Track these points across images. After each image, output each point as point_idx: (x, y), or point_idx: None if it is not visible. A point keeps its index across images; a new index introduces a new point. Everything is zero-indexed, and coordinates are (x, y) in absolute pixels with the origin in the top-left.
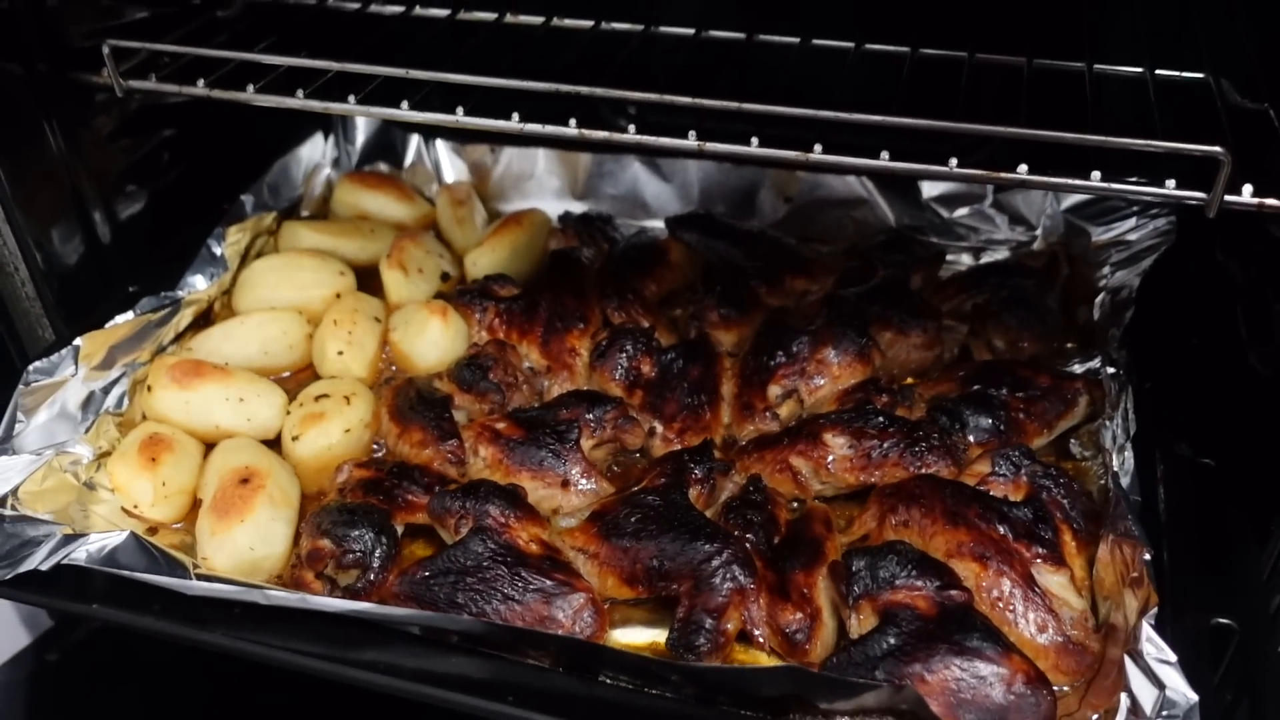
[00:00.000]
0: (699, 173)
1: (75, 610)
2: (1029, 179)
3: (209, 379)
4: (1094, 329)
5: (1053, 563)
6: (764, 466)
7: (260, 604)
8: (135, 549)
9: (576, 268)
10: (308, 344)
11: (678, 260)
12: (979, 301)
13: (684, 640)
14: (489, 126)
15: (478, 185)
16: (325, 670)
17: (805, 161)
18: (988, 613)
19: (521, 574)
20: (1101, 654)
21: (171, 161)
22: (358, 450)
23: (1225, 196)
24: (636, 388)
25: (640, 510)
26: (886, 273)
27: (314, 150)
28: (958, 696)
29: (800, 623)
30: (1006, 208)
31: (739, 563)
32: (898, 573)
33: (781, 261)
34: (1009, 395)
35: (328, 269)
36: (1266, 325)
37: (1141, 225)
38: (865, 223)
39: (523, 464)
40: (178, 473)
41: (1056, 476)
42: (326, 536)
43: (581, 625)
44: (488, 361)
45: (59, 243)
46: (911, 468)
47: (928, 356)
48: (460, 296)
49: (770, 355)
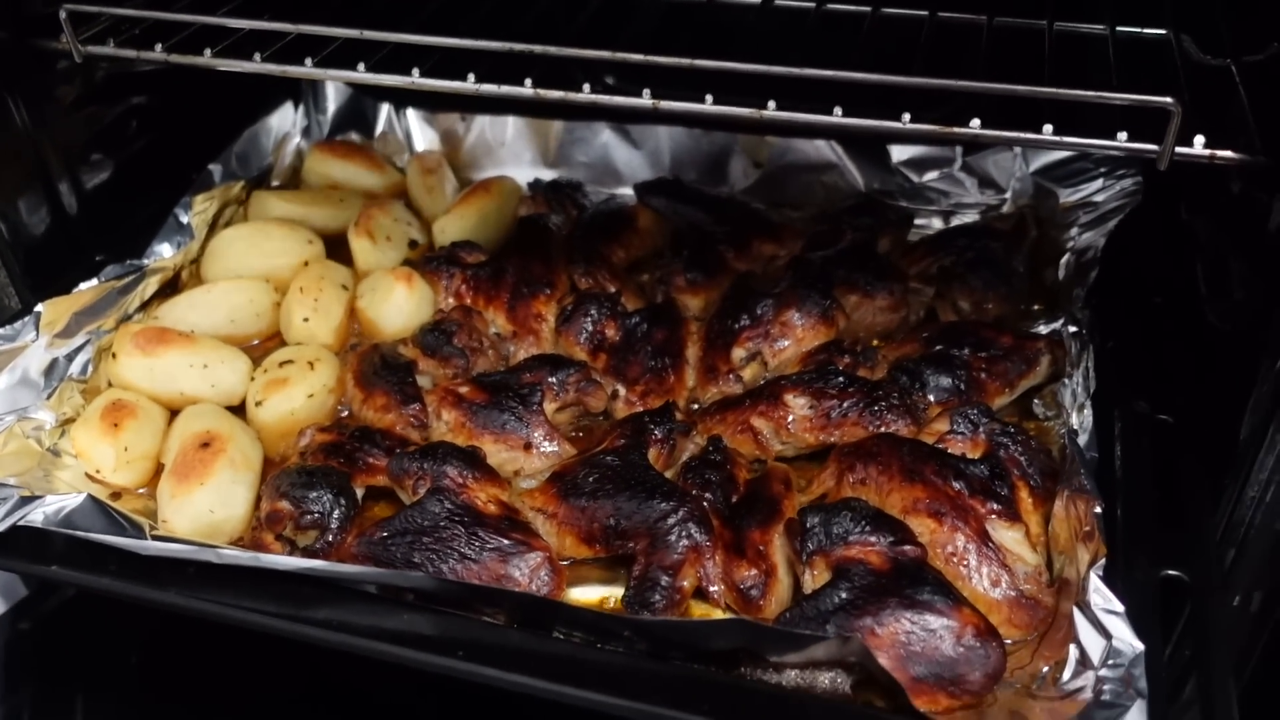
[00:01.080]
0: (670, 140)
1: (33, 572)
2: (981, 134)
3: (173, 346)
4: (1060, 290)
5: (1008, 518)
6: (725, 428)
7: (214, 563)
8: (92, 511)
9: (544, 234)
10: (275, 312)
11: (646, 226)
12: (945, 264)
13: (639, 597)
14: (445, 88)
15: (449, 154)
16: (279, 628)
17: (759, 119)
18: (942, 568)
19: (479, 534)
20: (1055, 608)
21: (139, 130)
22: (321, 415)
23: (1176, 148)
24: (601, 351)
25: (599, 470)
26: (854, 236)
27: (284, 119)
28: (908, 649)
29: (755, 579)
30: (976, 171)
31: (695, 520)
32: (851, 529)
33: (750, 226)
34: (970, 355)
35: (296, 238)
36: (1225, 281)
37: (1109, 186)
38: (835, 187)
39: (485, 427)
40: (140, 438)
41: (1014, 434)
42: (285, 498)
43: (538, 584)
44: (451, 327)
45: (24, 213)
46: (871, 427)
47: (894, 319)
48: (427, 263)
49: (734, 318)
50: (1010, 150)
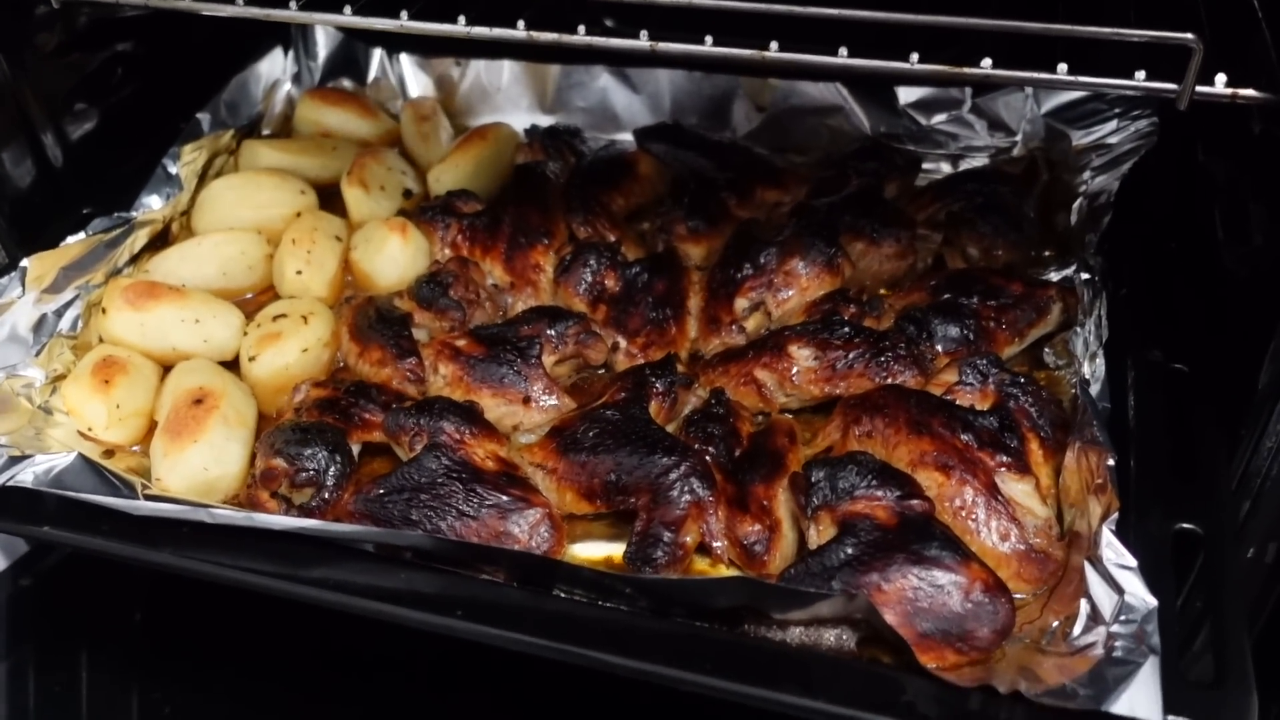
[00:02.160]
0: (670, 83)
1: (25, 533)
2: (992, 74)
3: (164, 300)
4: (1072, 235)
5: (1017, 471)
6: (728, 380)
7: (207, 523)
8: (83, 470)
9: (542, 182)
10: (268, 265)
11: (646, 173)
12: (954, 209)
13: (641, 553)
14: (434, 31)
15: (444, 100)
16: (274, 588)
17: (761, 60)
18: (950, 522)
19: (477, 490)
20: (1065, 561)
21: (123, 78)
22: (316, 370)
23: (1197, 87)
24: (601, 303)
25: (599, 425)
26: (860, 182)
27: (273, 66)
28: (915, 605)
29: (759, 534)
30: (986, 113)
31: (697, 475)
32: (857, 483)
33: (753, 172)
34: (979, 304)
35: (288, 188)
36: (1244, 225)
37: (1123, 127)
38: (841, 131)
39: (483, 381)
40: (132, 395)
41: (1025, 385)
42: (280, 456)
43: (538, 540)
44: (447, 278)
45: (9, 165)
46: (877, 378)
47: (901, 267)
48: (422, 213)
49: (737, 267)
50: (1021, 91)
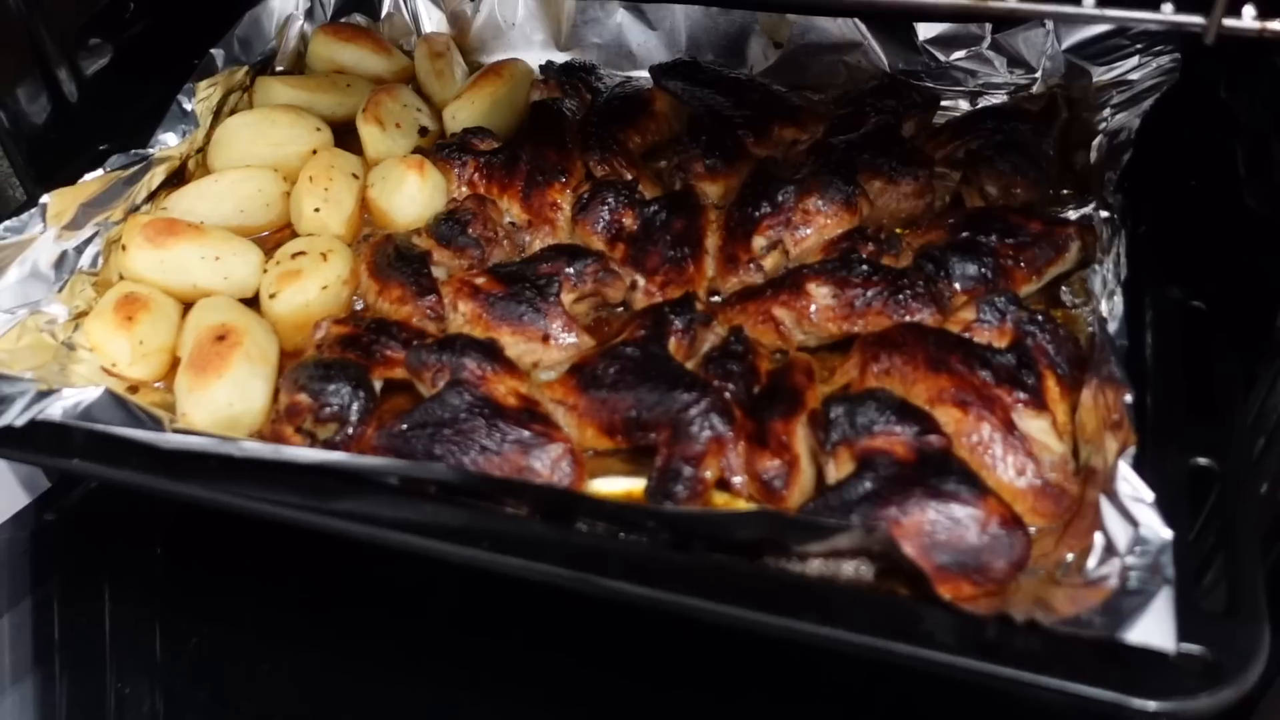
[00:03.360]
0: (686, 19)
1: (55, 465)
2: (1018, 8)
3: (184, 237)
4: (1091, 173)
5: (1034, 408)
6: (747, 318)
7: (235, 456)
8: (111, 405)
9: (558, 120)
10: (284, 202)
11: (663, 110)
12: (972, 148)
13: (662, 488)
14: None
15: (458, 37)
16: (302, 520)
17: None
18: (967, 457)
19: (499, 425)
20: (1080, 496)
21: (137, 14)
22: (335, 307)
23: (1224, 20)
24: (619, 241)
25: (619, 362)
26: (878, 119)
27: (285, 1)
28: (933, 539)
29: (778, 469)
30: (1005, 49)
31: (717, 411)
32: (876, 419)
33: (770, 110)
34: (998, 242)
35: (303, 125)
36: (1266, 163)
37: (1144, 64)
38: (859, 68)
39: (503, 319)
40: (155, 331)
41: (1042, 322)
42: (304, 391)
43: (560, 475)
44: (466, 216)
45: (24, 101)
46: (895, 316)
47: (919, 205)
48: (439, 151)
49: (755, 205)
50: (1042, 27)
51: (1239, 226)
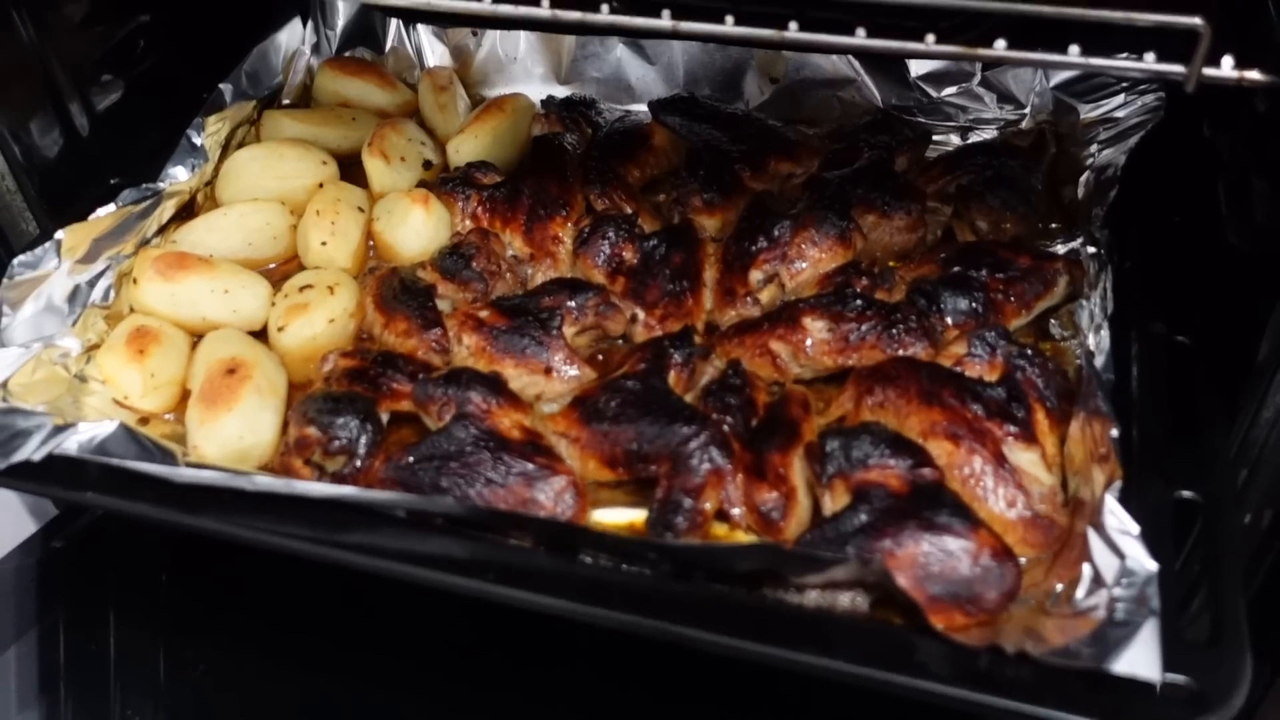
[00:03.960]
0: (684, 55)
1: (70, 498)
2: (1007, 55)
3: (194, 271)
4: (1078, 208)
5: (1024, 440)
6: (744, 351)
7: (248, 490)
8: (125, 439)
9: (559, 154)
10: (292, 235)
11: (661, 145)
12: (963, 182)
13: (663, 519)
14: (460, 8)
15: (460, 70)
16: (313, 552)
17: (781, 40)
18: (959, 490)
19: (504, 458)
20: (1069, 528)
21: (147, 50)
22: (343, 340)
23: (1204, 69)
24: (619, 274)
25: (620, 395)
26: (871, 154)
27: (292, 36)
28: (926, 570)
29: (776, 501)
30: (995, 86)
31: (716, 444)
32: (870, 452)
33: (766, 145)
34: (988, 276)
35: (310, 159)
36: (1247, 201)
37: (1130, 102)
38: (852, 103)
39: (506, 351)
40: (166, 364)
41: (1031, 356)
42: (313, 424)
43: (563, 507)
44: (470, 250)
45: (37, 135)
46: (889, 350)
47: (911, 239)
48: (443, 185)
49: (751, 240)
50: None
51: (1222, 262)
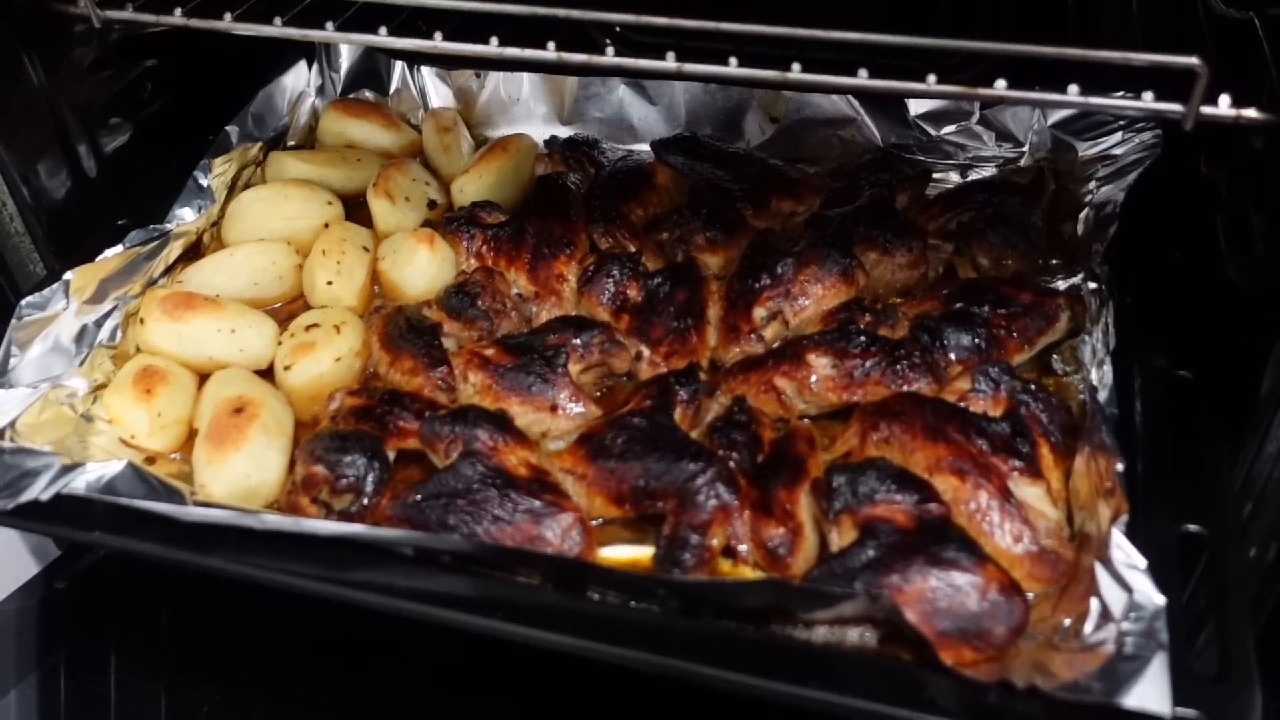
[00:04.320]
0: (685, 95)
1: (79, 538)
2: (1007, 95)
3: (200, 311)
4: (1078, 244)
5: (1029, 475)
6: (749, 388)
7: (256, 529)
8: (132, 478)
9: (563, 193)
10: (297, 275)
11: (664, 184)
12: (964, 219)
13: (670, 556)
14: (468, 52)
15: (464, 111)
16: (322, 590)
17: (784, 81)
18: (965, 524)
19: (511, 495)
20: (1076, 562)
21: (154, 93)
22: (349, 378)
23: (1202, 108)
24: (624, 312)
25: (626, 432)
26: (872, 192)
27: (298, 78)
28: (934, 605)
29: (782, 537)
30: (993, 124)
31: (723, 480)
32: (877, 488)
33: (768, 183)
34: (990, 312)
35: (315, 199)
36: (1246, 237)
37: (1127, 139)
38: (853, 142)
39: (512, 389)
40: (173, 403)
41: (1035, 391)
42: (320, 463)
43: (570, 544)
44: (475, 289)
45: (45, 177)
46: (893, 385)
47: (913, 275)
48: (448, 224)
49: (755, 278)
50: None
51: (1222, 297)
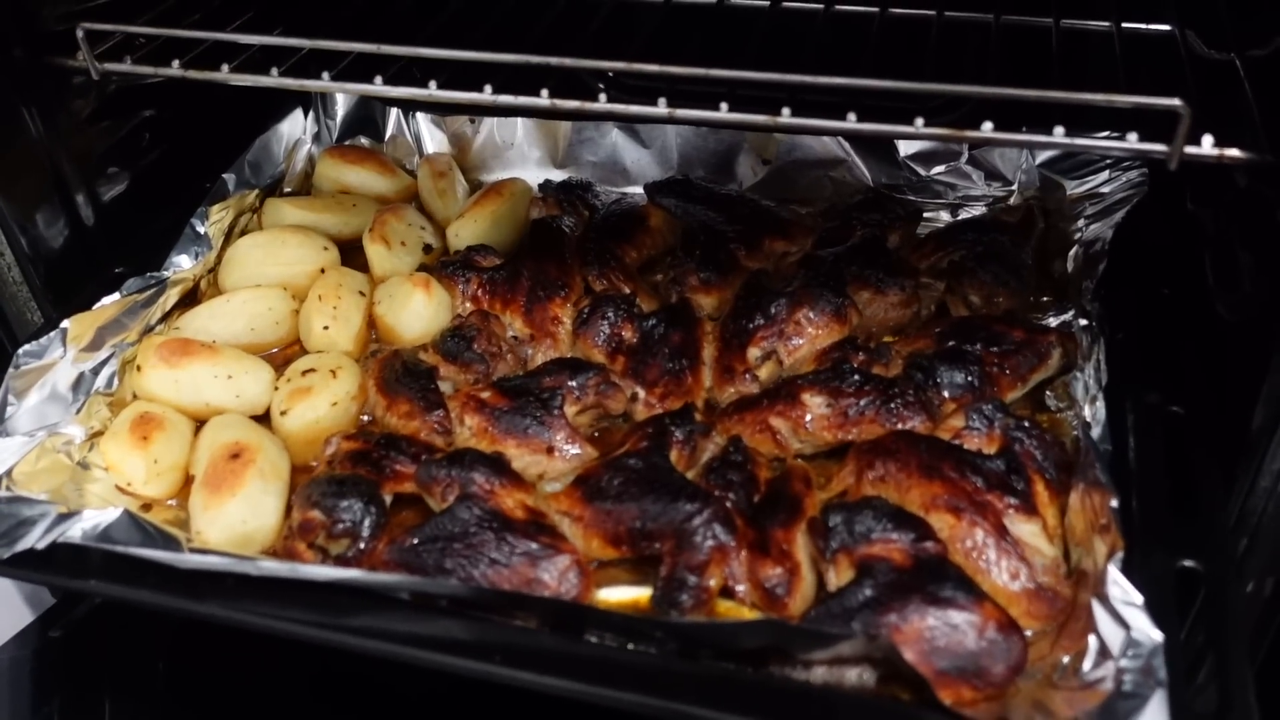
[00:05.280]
0: (677, 138)
1: (74, 586)
2: (993, 137)
3: (197, 357)
4: (1068, 282)
5: (1025, 512)
6: (744, 427)
7: (252, 575)
8: (129, 525)
9: (558, 236)
10: (294, 320)
11: (657, 226)
12: (955, 258)
13: (668, 597)
14: (463, 99)
15: (458, 156)
16: (319, 637)
17: (774, 125)
18: (962, 562)
19: (508, 538)
20: (1073, 599)
21: (152, 142)
22: (345, 423)
23: (1186, 148)
24: (619, 354)
25: (623, 473)
26: (864, 232)
27: (294, 126)
28: (932, 644)
29: (780, 577)
30: (982, 164)
31: (719, 521)
32: (873, 526)
33: (760, 224)
34: (983, 350)
35: (311, 245)
36: (1233, 273)
37: (1114, 178)
38: (844, 182)
39: (508, 432)
40: (169, 450)
41: (1029, 428)
42: (317, 508)
43: (567, 586)
44: (471, 332)
45: (43, 226)
46: (888, 424)
47: (905, 314)
48: (443, 268)
49: (749, 318)
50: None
51: (1212, 332)
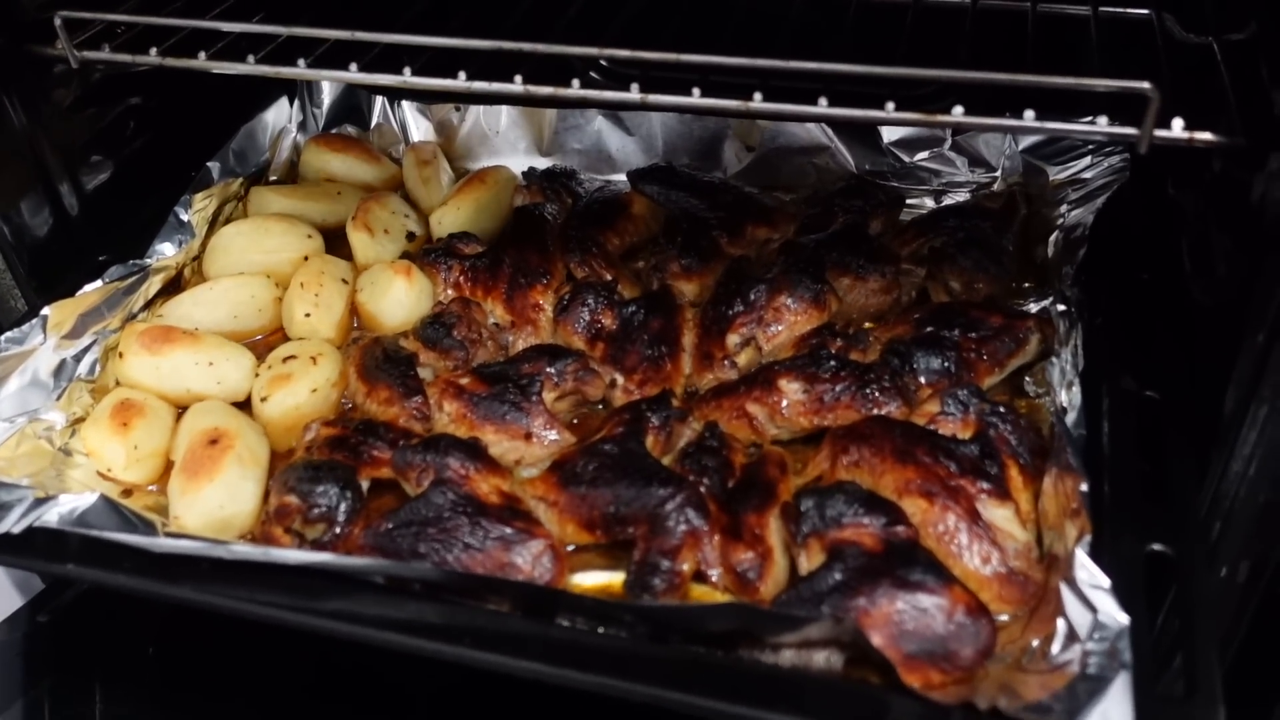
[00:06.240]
0: (662, 125)
1: (52, 570)
2: (963, 121)
3: (179, 344)
4: (1050, 267)
5: (998, 497)
6: (722, 414)
7: (225, 559)
8: (105, 510)
9: (540, 224)
10: (277, 307)
11: (640, 213)
12: (936, 245)
13: (640, 581)
14: (436, 86)
15: (444, 144)
16: (291, 620)
17: (747, 110)
18: (934, 547)
19: (482, 523)
20: (1045, 583)
21: (136, 130)
22: (326, 409)
23: (1156, 131)
24: (599, 340)
25: (598, 459)
26: (846, 219)
27: (279, 115)
28: (900, 628)
29: (752, 562)
30: (966, 150)
31: (693, 505)
32: (845, 511)
33: (743, 211)
34: (960, 336)
35: (295, 233)
36: (1209, 257)
37: (1096, 163)
38: (827, 169)
39: (486, 418)
40: (150, 436)
41: (1004, 414)
42: (293, 493)
43: (541, 570)
44: (451, 319)
45: (26, 215)
46: (863, 409)
47: (886, 301)
48: (425, 256)
49: (728, 304)
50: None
51: (1188, 318)
